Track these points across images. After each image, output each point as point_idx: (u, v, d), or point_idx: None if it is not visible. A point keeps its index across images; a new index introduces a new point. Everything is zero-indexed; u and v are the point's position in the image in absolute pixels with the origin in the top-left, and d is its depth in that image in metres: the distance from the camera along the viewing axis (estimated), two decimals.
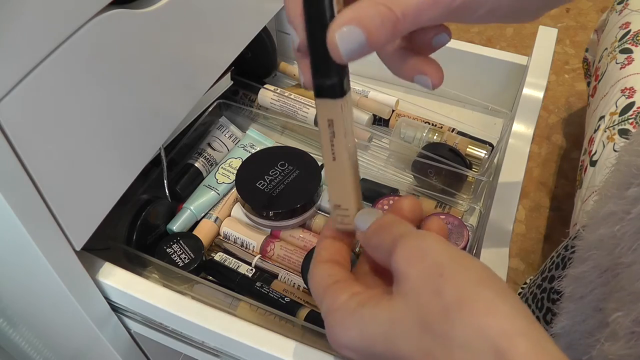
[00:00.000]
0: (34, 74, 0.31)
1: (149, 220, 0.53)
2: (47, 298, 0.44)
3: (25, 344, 0.52)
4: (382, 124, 0.65)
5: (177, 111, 0.48)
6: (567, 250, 0.60)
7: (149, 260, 0.50)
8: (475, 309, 0.24)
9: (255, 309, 0.47)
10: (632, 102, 0.93)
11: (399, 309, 0.26)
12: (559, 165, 1.44)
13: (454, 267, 0.26)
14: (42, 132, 0.34)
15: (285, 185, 0.53)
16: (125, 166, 0.43)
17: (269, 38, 0.67)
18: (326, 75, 0.29)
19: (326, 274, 0.31)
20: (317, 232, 0.55)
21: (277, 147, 0.60)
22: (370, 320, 0.27)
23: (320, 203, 0.56)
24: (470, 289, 0.25)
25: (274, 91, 0.65)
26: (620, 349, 0.33)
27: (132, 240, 0.52)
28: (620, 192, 0.36)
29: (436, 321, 0.25)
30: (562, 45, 1.72)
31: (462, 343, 0.24)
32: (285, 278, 0.52)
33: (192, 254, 0.52)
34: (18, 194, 0.33)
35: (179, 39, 0.45)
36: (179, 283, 0.51)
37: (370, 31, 0.25)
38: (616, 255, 0.36)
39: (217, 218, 0.56)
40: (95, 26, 0.35)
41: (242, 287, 0.50)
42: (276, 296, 0.49)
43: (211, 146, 0.62)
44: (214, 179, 0.59)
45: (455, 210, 0.55)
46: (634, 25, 1.08)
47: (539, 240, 1.28)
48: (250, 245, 0.54)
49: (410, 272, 0.26)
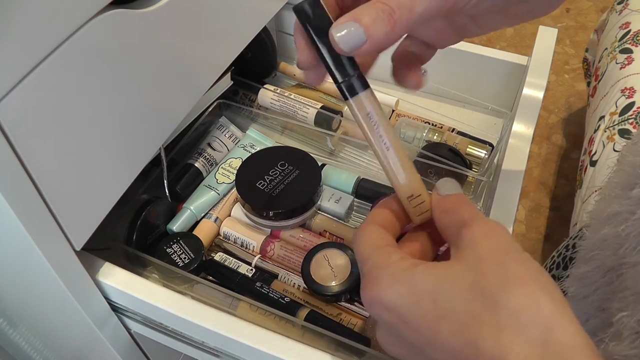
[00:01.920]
0: (34, 74, 0.31)
1: (149, 220, 0.53)
2: (47, 298, 0.44)
3: (25, 344, 0.52)
4: None
5: (177, 111, 0.48)
6: (568, 250, 0.60)
7: (149, 260, 0.50)
8: (534, 286, 0.26)
9: (255, 309, 0.47)
10: (632, 102, 0.93)
11: (456, 271, 0.27)
12: (559, 165, 1.44)
13: (519, 252, 0.27)
14: (42, 132, 0.34)
15: (285, 185, 0.53)
16: (125, 166, 0.43)
17: (269, 38, 0.67)
18: (346, 73, 0.30)
19: (379, 236, 0.31)
20: (317, 232, 0.55)
21: (277, 147, 0.60)
22: (422, 277, 0.28)
23: (320, 203, 0.56)
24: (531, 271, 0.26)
25: (273, 91, 0.65)
26: (625, 349, 0.33)
27: (132, 240, 0.52)
28: (625, 192, 0.36)
29: (492, 288, 0.26)
30: (562, 45, 1.72)
31: (512, 312, 0.25)
32: (285, 278, 0.51)
33: (192, 254, 0.52)
34: (18, 194, 0.33)
35: (179, 39, 0.45)
36: (179, 283, 0.51)
37: (367, 25, 0.27)
38: (620, 255, 0.36)
39: (217, 218, 0.56)
40: (95, 26, 0.35)
41: (242, 287, 0.50)
42: (276, 296, 0.49)
43: (211, 146, 0.62)
44: (214, 179, 0.59)
45: None
46: (634, 25, 1.08)
47: (539, 240, 1.28)
48: (250, 245, 0.54)
49: (480, 242, 0.28)
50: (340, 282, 0.48)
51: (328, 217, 0.56)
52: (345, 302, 0.50)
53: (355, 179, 0.58)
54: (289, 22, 0.70)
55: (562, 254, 0.61)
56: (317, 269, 0.49)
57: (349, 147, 0.64)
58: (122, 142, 0.42)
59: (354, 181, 0.58)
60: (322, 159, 0.61)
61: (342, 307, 0.49)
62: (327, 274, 0.49)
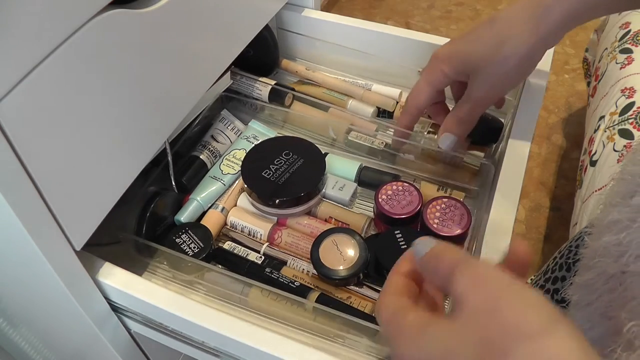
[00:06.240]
0: (34, 73, 0.31)
1: (157, 212, 0.53)
2: (47, 298, 0.44)
3: (25, 344, 0.52)
4: (386, 116, 0.66)
5: (177, 111, 0.48)
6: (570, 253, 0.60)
7: (161, 250, 0.50)
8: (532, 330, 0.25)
9: (267, 294, 0.48)
10: (632, 102, 0.93)
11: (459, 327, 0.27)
12: (559, 165, 1.44)
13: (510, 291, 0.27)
14: (42, 132, 0.34)
15: (291, 174, 0.54)
16: (123, 167, 0.43)
17: (271, 35, 0.67)
18: None
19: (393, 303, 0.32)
20: (323, 219, 0.56)
21: (282, 137, 0.61)
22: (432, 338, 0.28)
23: (324, 191, 0.56)
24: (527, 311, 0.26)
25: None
26: (638, 359, 0.33)
27: (142, 232, 0.52)
28: (625, 200, 0.36)
29: (497, 338, 0.26)
30: (562, 45, 1.72)
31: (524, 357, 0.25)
32: (294, 264, 0.52)
33: (202, 243, 0.52)
34: (18, 194, 0.33)
35: (179, 38, 0.45)
36: (190, 272, 0.51)
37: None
38: (623, 263, 0.36)
39: (224, 208, 0.57)
40: (95, 26, 0.35)
41: (252, 274, 0.50)
42: (286, 281, 0.49)
43: (215, 138, 0.62)
44: (219, 170, 0.59)
45: (457, 193, 0.56)
46: (634, 25, 1.08)
47: (539, 240, 1.28)
48: (258, 233, 0.55)
49: (469, 297, 0.28)
50: (349, 266, 0.49)
51: (333, 203, 0.57)
52: (355, 285, 0.50)
53: (357, 167, 0.59)
54: (290, 19, 0.70)
55: (564, 256, 0.62)
56: (326, 253, 0.50)
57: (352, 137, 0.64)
58: (122, 142, 0.42)
59: (356, 169, 0.59)
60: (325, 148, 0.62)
61: (351, 291, 0.50)
62: (335, 259, 0.49)
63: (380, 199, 0.54)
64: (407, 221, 0.53)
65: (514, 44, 0.45)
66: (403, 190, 0.54)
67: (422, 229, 0.53)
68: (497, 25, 0.46)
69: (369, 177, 0.59)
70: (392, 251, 0.49)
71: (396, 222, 0.52)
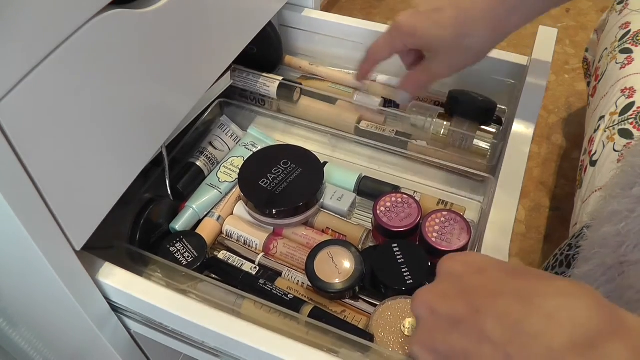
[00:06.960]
0: (34, 74, 0.31)
1: (152, 219, 0.53)
2: (47, 298, 0.44)
3: (25, 344, 0.52)
4: (392, 106, 0.66)
5: (177, 111, 0.48)
6: (571, 249, 0.60)
7: (153, 259, 0.50)
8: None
9: (260, 306, 0.47)
10: (632, 102, 0.93)
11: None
12: (559, 165, 1.44)
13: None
14: (42, 132, 0.34)
15: (288, 183, 0.53)
16: (125, 166, 0.43)
17: (274, 32, 0.67)
18: None
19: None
20: (320, 230, 0.55)
21: (280, 146, 0.60)
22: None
23: (322, 201, 0.56)
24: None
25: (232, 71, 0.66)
26: None
27: (136, 239, 0.52)
28: (625, 191, 0.37)
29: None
30: (562, 45, 1.72)
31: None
32: (289, 275, 0.52)
33: (196, 253, 0.52)
34: (18, 194, 0.33)
35: (180, 38, 0.45)
36: (182, 281, 0.51)
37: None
38: (621, 253, 0.36)
39: (220, 216, 0.56)
40: (95, 26, 0.35)
41: (245, 285, 0.50)
42: (280, 293, 0.49)
43: (212, 145, 0.62)
44: (215, 178, 0.59)
45: (457, 207, 0.56)
46: (634, 25, 1.08)
47: (539, 240, 1.28)
48: (254, 243, 0.55)
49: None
50: (344, 280, 0.48)
51: (331, 214, 0.56)
52: (349, 299, 0.50)
53: (357, 177, 0.58)
54: (290, 19, 0.70)
55: (564, 253, 0.62)
56: (321, 266, 0.49)
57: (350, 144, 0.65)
58: (122, 142, 0.42)
59: (355, 179, 0.58)
60: (325, 157, 0.61)
61: (346, 305, 0.50)
62: (331, 271, 0.49)
63: (378, 211, 0.53)
64: (406, 234, 0.52)
65: (474, 41, 0.49)
66: (402, 203, 0.53)
67: (420, 242, 0.52)
68: (461, 16, 0.48)
69: (368, 187, 0.58)
70: (389, 265, 0.48)
71: (394, 235, 0.52)
